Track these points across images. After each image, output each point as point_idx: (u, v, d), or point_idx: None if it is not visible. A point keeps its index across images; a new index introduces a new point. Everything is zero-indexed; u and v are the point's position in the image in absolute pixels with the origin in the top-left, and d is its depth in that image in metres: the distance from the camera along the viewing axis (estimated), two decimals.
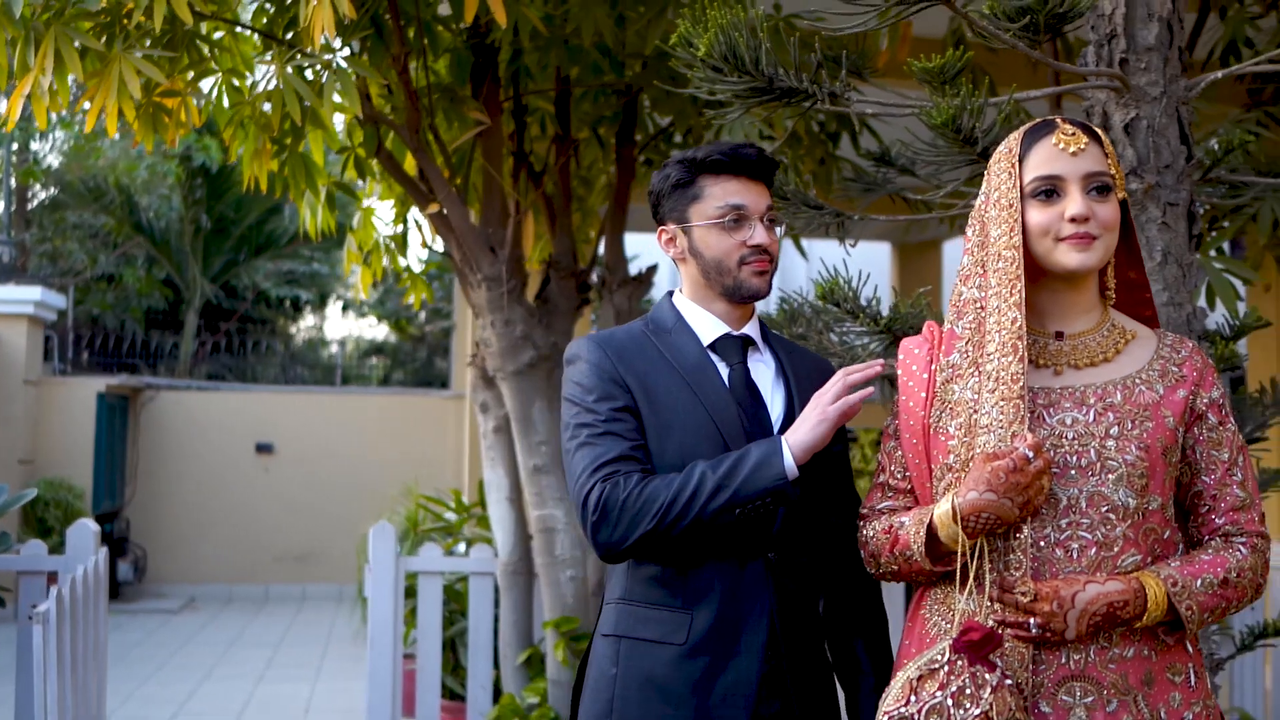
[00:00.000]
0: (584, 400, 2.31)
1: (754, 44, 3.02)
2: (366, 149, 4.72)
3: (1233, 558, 2.00)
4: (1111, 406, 2.03)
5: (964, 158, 3.18)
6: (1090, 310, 2.13)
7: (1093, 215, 2.07)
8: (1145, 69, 3.47)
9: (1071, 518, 1.99)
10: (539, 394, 4.91)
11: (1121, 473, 1.98)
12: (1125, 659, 1.97)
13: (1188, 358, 2.10)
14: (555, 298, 5.18)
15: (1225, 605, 1.98)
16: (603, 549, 2.23)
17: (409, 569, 5.27)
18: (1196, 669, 2.02)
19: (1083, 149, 2.09)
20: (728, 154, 2.37)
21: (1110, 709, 1.96)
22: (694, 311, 2.41)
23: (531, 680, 4.99)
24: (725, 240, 2.34)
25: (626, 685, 2.23)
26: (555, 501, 4.91)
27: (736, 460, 2.18)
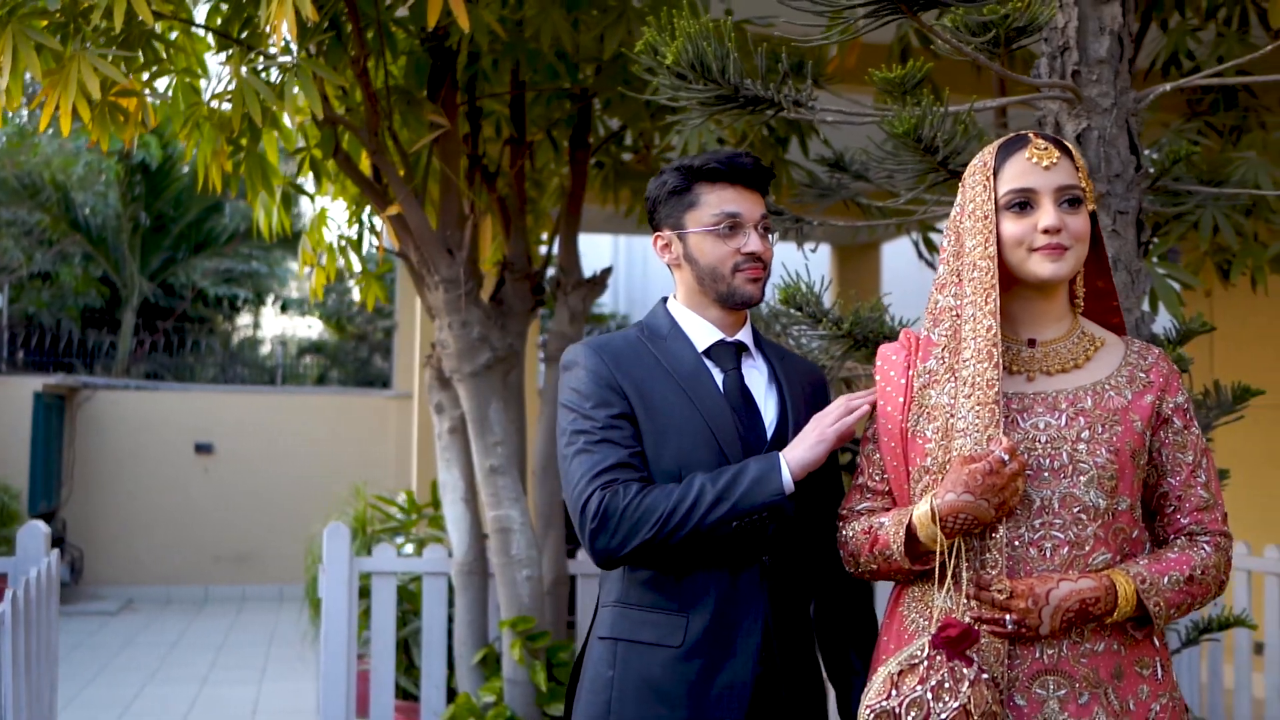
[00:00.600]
0: (581, 407, 2.33)
1: (721, 53, 3.06)
2: (324, 150, 4.72)
3: (1197, 556, 2.09)
4: (1082, 411, 2.11)
5: (924, 166, 3.25)
6: (1061, 319, 2.21)
7: (1064, 227, 2.16)
8: (1096, 81, 3.57)
9: (1045, 518, 2.07)
10: (495, 395, 4.94)
11: (1092, 475, 2.06)
12: (1096, 653, 2.06)
13: (1154, 364, 2.19)
14: (510, 299, 5.21)
15: (1191, 601, 2.07)
16: (600, 555, 2.26)
17: (363, 569, 5.28)
18: (1163, 662, 2.11)
19: (1055, 163, 2.17)
20: (724, 163, 2.41)
21: (1082, 701, 2.04)
22: (689, 318, 2.45)
23: (487, 680, 5.02)
24: (720, 247, 2.38)
25: (624, 686, 2.28)
26: (511, 502, 4.93)
27: (735, 474, 2.22)
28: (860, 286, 15.97)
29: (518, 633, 4.84)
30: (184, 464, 12.58)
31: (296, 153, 5.02)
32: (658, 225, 2.48)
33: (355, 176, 4.75)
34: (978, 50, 2.95)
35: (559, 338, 5.31)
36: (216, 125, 4.48)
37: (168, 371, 15.49)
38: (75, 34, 4.05)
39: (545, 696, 4.82)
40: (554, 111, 5.48)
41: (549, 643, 4.89)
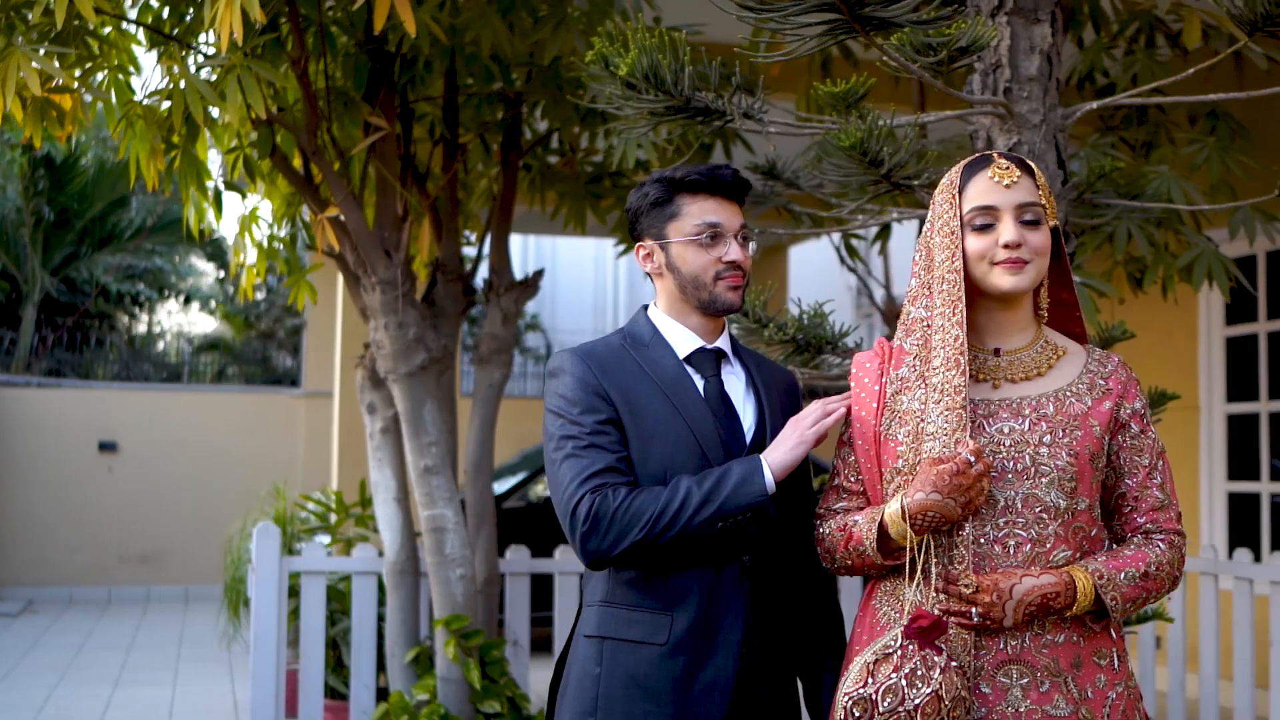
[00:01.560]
0: (569, 413, 2.39)
1: (676, 65, 3.15)
2: (260, 150, 4.71)
3: (1152, 553, 2.23)
4: (1045, 417, 2.24)
5: (868, 177, 3.37)
6: (1025, 329, 2.33)
7: (1024, 242, 2.29)
8: (1027, 97, 3.72)
9: (1009, 517, 2.20)
10: (430, 396, 4.97)
11: (1053, 476, 2.19)
12: (1056, 644, 2.18)
13: (1113, 372, 2.31)
14: (442, 300, 5.24)
15: (1146, 595, 2.21)
16: (590, 556, 2.33)
17: (293, 569, 5.28)
18: (1119, 653, 2.24)
19: (1016, 181, 2.30)
20: (705, 175, 2.48)
21: (1043, 689, 2.17)
22: (670, 325, 2.52)
23: (419, 678, 5.05)
24: (702, 256, 2.46)
25: (611, 683, 2.34)
26: (445, 501, 4.97)
27: (720, 476, 2.31)
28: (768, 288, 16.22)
29: (452, 631, 4.88)
30: (87, 463, 12.36)
31: (229, 152, 5.00)
32: (639, 236, 2.55)
33: (292, 177, 4.76)
34: (923, 68, 3.07)
35: (491, 339, 5.36)
36: (152, 123, 4.47)
37: (70, 368, 15.19)
38: (9, 29, 4.01)
39: (479, 694, 4.87)
40: (485, 114, 5.53)
41: (482, 641, 4.94)
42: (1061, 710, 2.17)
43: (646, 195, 2.51)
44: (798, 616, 2.52)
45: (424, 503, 4.98)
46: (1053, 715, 2.16)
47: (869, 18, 2.75)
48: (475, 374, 5.41)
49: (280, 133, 4.81)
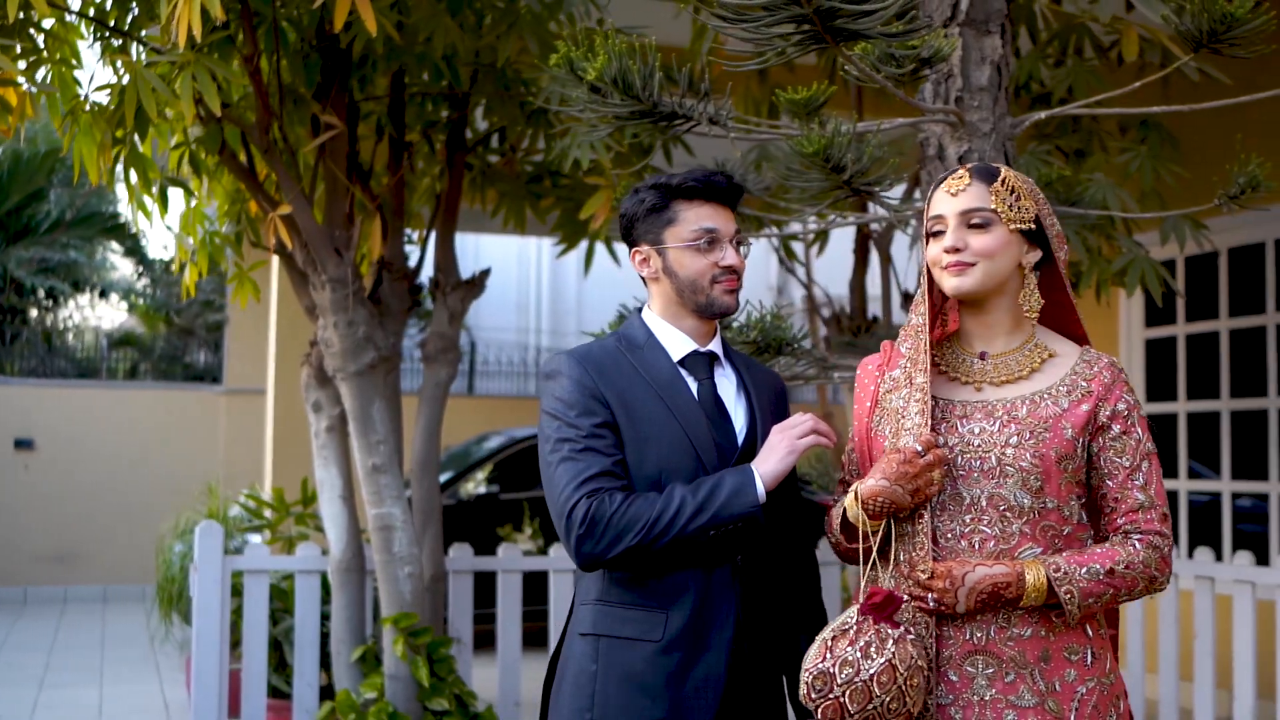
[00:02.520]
0: (565, 415, 2.43)
1: (645, 71, 3.20)
2: (209, 147, 4.68)
3: (1124, 551, 2.28)
4: (1015, 419, 2.32)
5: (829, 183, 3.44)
6: (1011, 331, 2.40)
7: (966, 246, 2.36)
8: (978, 107, 3.82)
9: (974, 514, 2.29)
10: (378, 394, 4.98)
11: (1018, 477, 2.27)
12: (1023, 638, 2.26)
13: (1097, 374, 2.35)
14: (388, 299, 5.24)
15: (1113, 593, 2.26)
16: (585, 559, 2.37)
17: (236, 568, 5.26)
18: (1095, 650, 2.30)
19: (963, 188, 2.39)
20: (702, 181, 2.54)
21: (1008, 680, 2.25)
22: (664, 329, 2.57)
23: (366, 676, 5.05)
24: (699, 261, 2.51)
25: (606, 680, 2.39)
26: (393, 500, 4.98)
27: (714, 486, 2.37)
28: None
29: (400, 629, 4.89)
30: (2, 461, 12.11)
31: (175, 148, 4.96)
32: (635, 241, 2.59)
33: (241, 174, 4.74)
34: (887, 78, 3.16)
35: (438, 338, 5.37)
36: (101, 119, 4.42)
37: None
38: None
39: (427, 692, 4.88)
40: (430, 113, 5.54)
41: (431, 639, 4.95)
42: (1026, 701, 2.25)
43: (643, 202, 2.55)
44: (785, 615, 2.58)
45: (372, 501, 4.98)
46: (1017, 705, 2.24)
47: (840, 29, 2.81)
48: (423, 372, 5.42)
49: (227, 129, 4.78)
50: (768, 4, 2.78)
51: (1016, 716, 2.25)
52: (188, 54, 4.01)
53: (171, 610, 7.22)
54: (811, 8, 2.76)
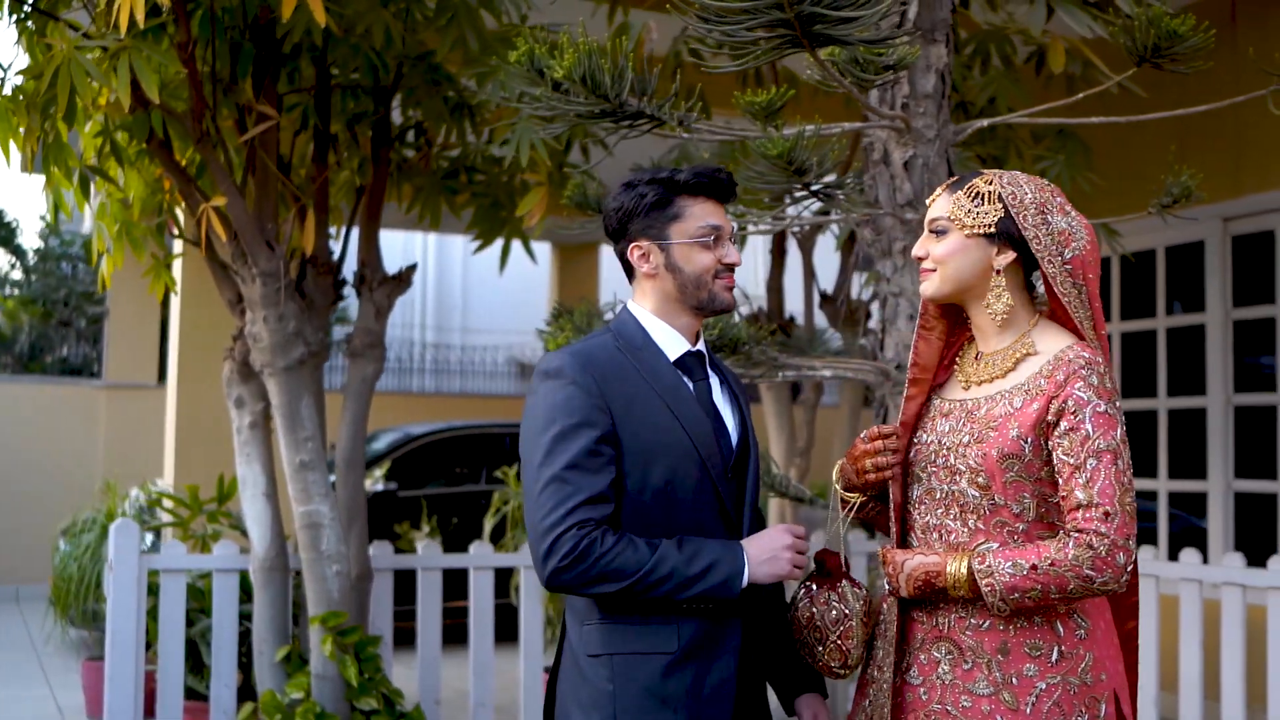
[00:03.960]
0: (564, 424, 2.35)
1: (617, 70, 3.21)
2: (138, 135, 4.56)
3: (1053, 548, 2.28)
4: (972, 418, 2.40)
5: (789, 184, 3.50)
6: (1003, 331, 2.45)
7: (928, 253, 2.45)
8: (923, 113, 3.92)
9: (943, 508, 2.41)
10: (307, 390, 4.90)
11: (968, 475, 2.36)
12: (980, 629, 2.35)
13: (1053, 372, 2.37)
14: (312, 293, 5.16)
15: (1039, 588, 2.26)
16: (557, 587, 2.33)
17: (152, 566, 5.13)
18: (1065, 649, 2.34)
19: (936, 199, 2.49)
20: (708, 177, 2.52)
21: (966, 668, 2.35)
22: (658, 327, 2.53)
23: (291, 677, 4.97)
24: (705, 257, 2.50)
25: (625, 698, 2.35)
26: (321, 497, 4.91)
27: (708, 566, 2.34)
28: (579, 285, 16.36)
29: (329, 628, 4.83)
30: None
31: (97, 136, 4.82)
32: (632, 236, 2.54)
33: (170, 165, 4.62)
34: (853, 83, 3.22)
35: (365, 333, 5.31)
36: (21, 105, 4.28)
37: None
38: None
39: (356, 691, 4.83)
40: (355, 106, 5.47)
41: (360, 637, 4.90)
42: (982, 689, 2.33)
43: (643, 196, 2.51)
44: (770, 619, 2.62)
45: (299, 498, 4.91)
46: (973, 692, 2.34)
47: (818, 35, 2.87)
48: (348, 368, 5.35)
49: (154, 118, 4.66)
50: (749, 7, 2.82)
51: (972, 702, 2.34)
52: (124, 39, 3.90)
53: (67, 611, 6.99)
54: (793, 12, 2.80)
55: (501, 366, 18.96)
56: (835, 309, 5.97)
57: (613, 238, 2.60)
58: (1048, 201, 2.42)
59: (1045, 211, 2.41)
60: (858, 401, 6.26)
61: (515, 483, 6.39)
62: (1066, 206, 2.44)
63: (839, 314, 5.99)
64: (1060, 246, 2.40)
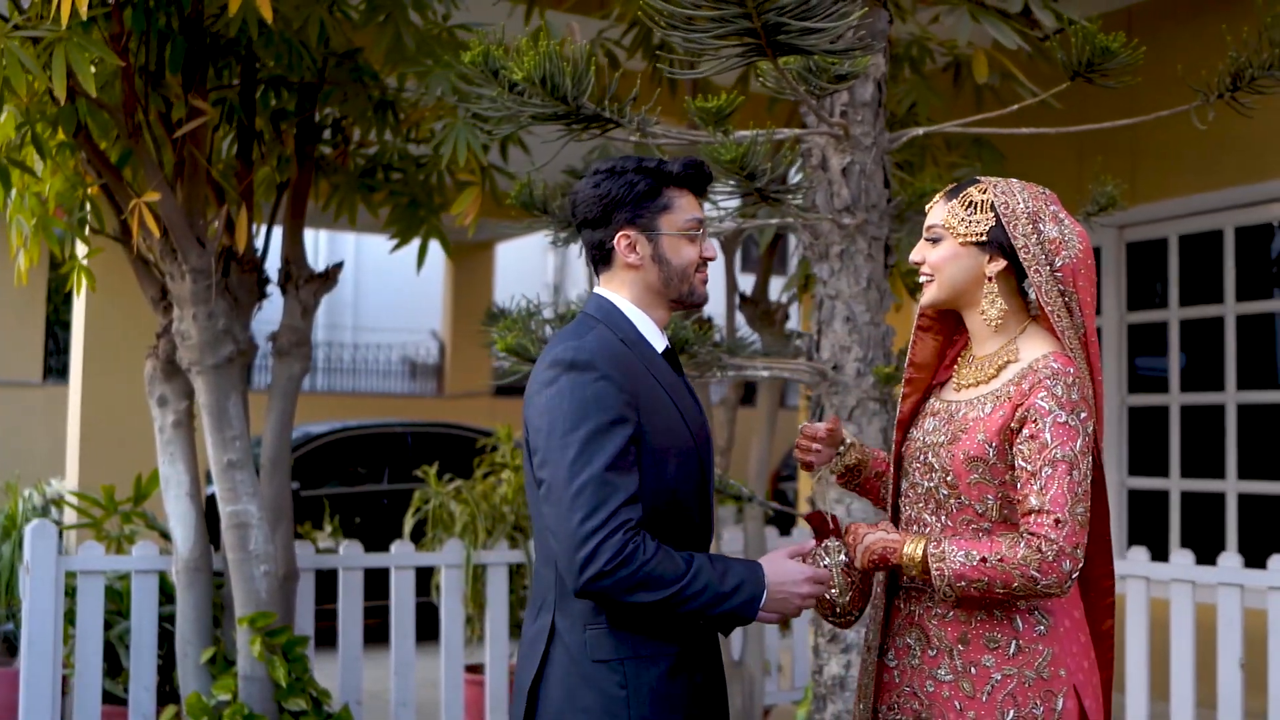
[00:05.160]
0: (599, 420, 2.28)
1: (578, 73, 3.25)
2: (65, 128, 4.47)
3: (1005, 545, 2.36)
4: (950, 421, 2.50)
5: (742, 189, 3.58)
6: (992, 337, 2.53)
7: (924, 260, 2.54)
8: (860, 121, 4.03)
9: (923, 503, 2.53)
10: (235, 389, 4.85)
11: (940, 475, 2.47)
12: (945, 619, 2.46)
13: (1020, 380, 2.45)
14: (236, 291, 5.11)
15: (986, 580, 2.34)
16: (593, 593, 2.26)
17: (70, 568, 5.03)
18: (1023, 643, 2.43)
19: (933, 206, 2.56)
20: (696, 170, 2.52)
21: (932, 654, 2.48)
22: (642, 319, 2.50)
23: (217, 679, 4.91)
24: (691, 251, 2.49)
25: (640, 703, 2.33)
26: (249, 497, 4.86)
27: (737, 584, 2.33)
28: (474, 284, 16.33)
29: (257, 629, 4.78)
30: None
31: (18, 128, 4.71)
32: (619, 225, 2.48)
33: (99, 159, 4.54)
34: (808, 92, 3.31)
35: (290, 331, 5.27)
36: None
37: None
38: None
39: (284, 691, 4.79)
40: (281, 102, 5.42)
41: (288, 637, 4.86)
42: (944, 676, 2.46)
43: (633, 185, 2.46)
44: None
45: (227, 498, 4.85)
46: (936, 678, 2.47)
47: (781, 44, 2.94)
48: (274, 366, 5.30)
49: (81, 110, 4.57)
50: (716, 16, 2.89)
51: (935, 687, 2.47)
52: (59, 30, 3.83)
53: None
54: (759, 22, 2.88)
55: (395, 365, 18.80)
56: (755, 311, 6.08)
57: (588, 225, 2.52)
58: (1041, 210, 2.47)
59: (1037, 220, 2.45)
60: (775, 403, 6.38)
61: (436, 482, 6.38)
62: (1060, 214, 2.49)
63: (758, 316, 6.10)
64: (1050, 255, 2.44)
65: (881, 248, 4.11)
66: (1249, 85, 3.55)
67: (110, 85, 4.65)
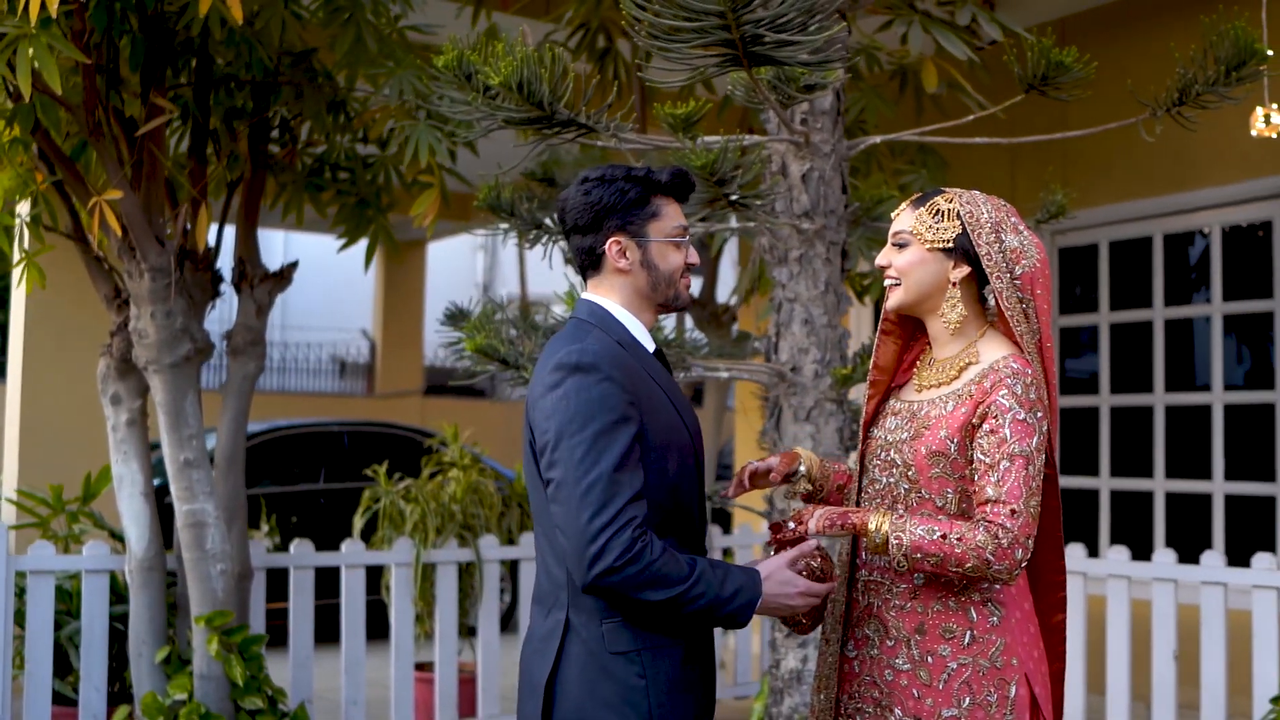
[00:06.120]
0: (605, 420, 2.34)
1: (556, 78, 3.32)
2: (22, 126, 4.44)
3: (964, 525, 2.49)
4: (913, 419, 2.62)
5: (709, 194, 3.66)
6: (954, 341, 2.64)
7: (890, 264, 2.64)
8: (820, 129, 4.14)
9: (880, 498, 2.64)
10: (191, 387, 4.85)
11: (902, 469, 2.59)
12: (903, 610, 2.57)
13: (981, 380, 2.57)
14: (191, 289, 5.10)
15: (941, 556, 2.46)
16: (601, 589, 2.32)
17: (19, 568, 5.00)
18: (977, 634, 2.55)
19: (900, 214, 2.67)
20: (682, 179, 2.59)
21: (890, 644, 2.58)
22: (633, 323, 2.56)
23: (171, 678, 4.90)
24: (677, 256, 2.57)
25: (658, 690, 2.40)
26: (205, 495, 4.86)
27: (736, 589, 2.41)
28: (405, 283, 16.29)
29: (214, 628, 4.78)
30: None
31: None
32: (609, 231, 2.55)
33: (58, 156, 4.52)
34: (778, 100, 3.40)
35: (245, 330, 5.27)
36: None
37: None
38: None
39: (241, 690, 4.80)
40: (234, 100, 5.42)
41: (245, 636, 4.86)
42: (902, 666, 2.56)
43: (624, 193, 2.53)
44: None
45: (183, 497, 4.84)
46: (895, 668, 2.57)
47: (757, 55, 3.04)
48: (229, 365, 5.30)
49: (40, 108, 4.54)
50: (697, 28, 2.97)
51: (893, 676, 2.57)
52: (25, 27, 3.82)
53: None
54: (738, 34, 2.97)
55: (325, 364, 18.67)
56: (703, 313, 6.18)
57: (578, 231, 2.58)
58: (1003, 221, 2.59)
59: (999, 230, 2.58)
60: (722, 404, 6.48)
61: (386, 481, 6.40)
62: (1020, 226, 2.61)
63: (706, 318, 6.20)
64: (1011, 263, 2.57)
65: (839, 252, 4.22)
66: (1194, 100, 3.70)
67: (66, 82, 4.62)
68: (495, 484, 6.56)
